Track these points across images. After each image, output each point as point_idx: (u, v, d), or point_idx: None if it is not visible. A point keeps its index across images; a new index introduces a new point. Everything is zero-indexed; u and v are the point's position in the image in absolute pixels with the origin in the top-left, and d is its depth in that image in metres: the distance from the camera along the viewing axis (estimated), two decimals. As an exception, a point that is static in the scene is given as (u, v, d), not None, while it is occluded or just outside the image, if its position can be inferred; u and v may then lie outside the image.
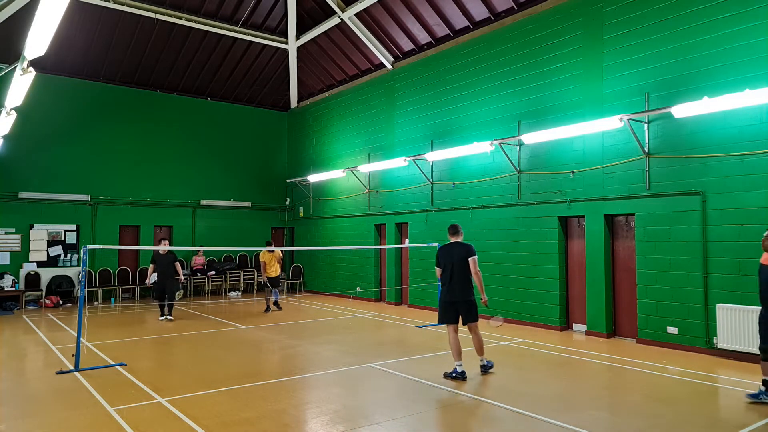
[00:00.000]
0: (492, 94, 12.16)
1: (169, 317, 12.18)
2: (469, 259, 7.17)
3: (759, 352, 6.04)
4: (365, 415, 5.70)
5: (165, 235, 17.44)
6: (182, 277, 12.89)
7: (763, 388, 5.97)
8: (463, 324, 7.15)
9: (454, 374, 6.98)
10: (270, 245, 14.03)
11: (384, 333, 10.93)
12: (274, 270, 13.73)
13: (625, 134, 9.54)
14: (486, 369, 7.27)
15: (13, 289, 14.45)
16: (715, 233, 8.48)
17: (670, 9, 9.12)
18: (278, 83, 19.26)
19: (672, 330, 8.88)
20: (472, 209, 12.50)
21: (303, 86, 19.37)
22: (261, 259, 13.75)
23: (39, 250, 15.31)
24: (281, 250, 14.13)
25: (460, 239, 7.44)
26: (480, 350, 7.27)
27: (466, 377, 6.92)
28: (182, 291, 16.25)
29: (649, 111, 9.21)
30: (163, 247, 12.08)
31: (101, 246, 10.62)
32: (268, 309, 13.71)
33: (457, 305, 7.13)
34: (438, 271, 7.40)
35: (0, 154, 14.64)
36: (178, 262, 12.63)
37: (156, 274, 12.24)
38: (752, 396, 6.06)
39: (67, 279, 15.53)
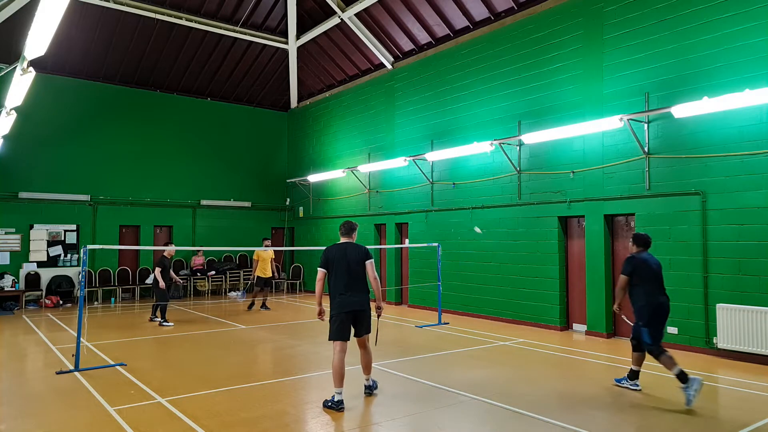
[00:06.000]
0: (492, 94, 12.16)
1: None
2: (367, 262, 6.14)
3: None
4: (365, 415, 5.70)
5: (165, 235, 17.45)
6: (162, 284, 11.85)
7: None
8: (360, 336, 6.18)
9: (330, 404, 5.83)
10: (266, 241, 14.09)
11: (384, 333, 10.91)
12: (267, 270, 13.79)
13: (625, 134, 9.54)
14: (371, 390, 6.30)
15: (13, 289, 14.44)
16: (715, 233, 8.48)
17: (670, 9, 9.12)
18: (278, 83, 19.26)
19: (672, 330, 8.88)
20: (472, 209, 12.50)
21: (303, 86, 19.37)
22: (255, 257, 13.90)
23: (39, 250, 15.31)
24: (273, 250, 14.07)
25: (352, 240, 6.37)
26: (367, 368, 6.31)
27: (343, 408, 5.80)
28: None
29: (649, 111, 9.21)
30: (170, 249, 12.12)
31: (101, 246, 10.60)
32: (260, 306, 13.98)
33: (355, 315, 6.11)
34: (321, 273, 6.25)
35: (0, 154, 14.65)
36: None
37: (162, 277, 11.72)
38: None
39: (67, 279, 15.53)
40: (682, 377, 5.89)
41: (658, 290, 6.37)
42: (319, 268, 6.25)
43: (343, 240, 6.34)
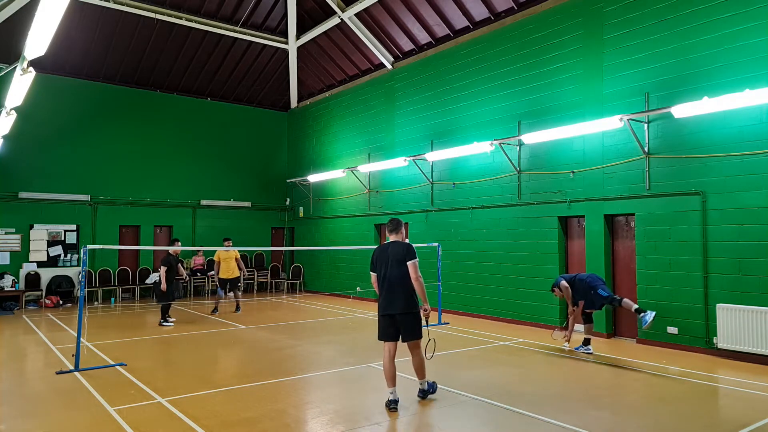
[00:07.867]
0: (492, 94, 12.16)
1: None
2: (409, 262, 5.98)
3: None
4: (365, 415, 5.70)
5: (165, 235, 17.46)
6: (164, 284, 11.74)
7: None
8: (403, 341, 5.99)
9: (387, 402, 5.83)
10: (226, 242, 13.56)
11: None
12: (231, 271, 13.26)
13: (625, 134, 9.54)
14: (425, 394, 6.05)
15: (13, 289, 14.44)
16: (715, 233, 8.48)
17: (670, 9, 9.12)
18: (278, 83, 19.26)
19: (672, 330, 8.88)
20: (472, 209, 12.50)
21: (303, 86, 19.37)
22: (215, 258, 13.48)
23: (39, 250, 15.30)
24: (238, 251, 13.53)
25: (399, 238, 6.23)
26: (418, 373, 6.09)
27: (396, 407, 5.78)
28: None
29: (649, 111, 9.21)
30: (176, 248, 11.98)
31: (101, 246, 10.59)
32: (212, 310, 13.49)
33: (392, 319, 5.96)
34: (373, 276, 6.23)
35: (0, 154, 14.65)
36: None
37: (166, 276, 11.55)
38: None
39: (67, 279, 15.53)
40: (639, 311, 8.02)
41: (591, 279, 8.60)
42: (370, 272, 6.28)
43: (390, 238, 6.23)
